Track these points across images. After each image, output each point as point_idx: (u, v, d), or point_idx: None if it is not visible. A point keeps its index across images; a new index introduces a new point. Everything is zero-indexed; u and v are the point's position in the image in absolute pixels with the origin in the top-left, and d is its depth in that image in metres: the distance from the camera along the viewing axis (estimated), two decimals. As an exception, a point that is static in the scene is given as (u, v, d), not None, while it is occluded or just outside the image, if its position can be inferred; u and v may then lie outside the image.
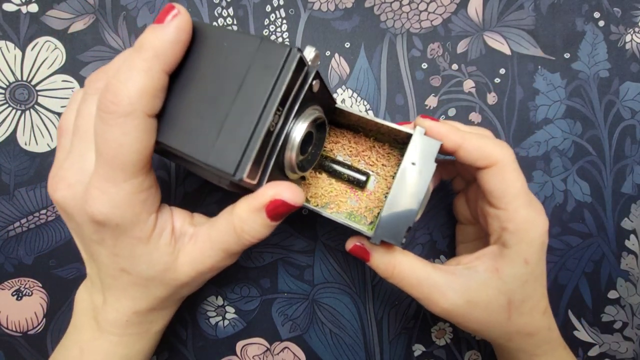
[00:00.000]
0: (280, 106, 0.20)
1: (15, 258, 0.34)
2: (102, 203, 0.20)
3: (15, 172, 0.33)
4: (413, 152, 0.24)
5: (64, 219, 0.23)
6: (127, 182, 0.20)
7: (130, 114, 0.18)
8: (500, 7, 0.35)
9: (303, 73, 0.20)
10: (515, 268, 0.24)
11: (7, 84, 0.33)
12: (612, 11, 0.35)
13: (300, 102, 0.21)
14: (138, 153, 0.19)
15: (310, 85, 0.21)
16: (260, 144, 0.19)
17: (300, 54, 0.19)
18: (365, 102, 0.34)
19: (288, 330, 0.35)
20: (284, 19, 0.34)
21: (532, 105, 0.35)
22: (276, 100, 0.19)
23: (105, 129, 0.19)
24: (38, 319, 0.34)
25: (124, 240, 0.22)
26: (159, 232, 0.22)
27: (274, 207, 0.21)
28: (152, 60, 0.18)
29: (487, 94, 0.35)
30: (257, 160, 0.19)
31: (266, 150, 0.20)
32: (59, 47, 0.34)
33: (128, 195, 0.20)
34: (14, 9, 0.33)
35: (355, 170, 0.28)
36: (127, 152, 0.19)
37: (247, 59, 0.19)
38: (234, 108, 0.19)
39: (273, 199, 0.21)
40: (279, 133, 0.21)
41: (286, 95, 0.20)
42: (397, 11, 0.35)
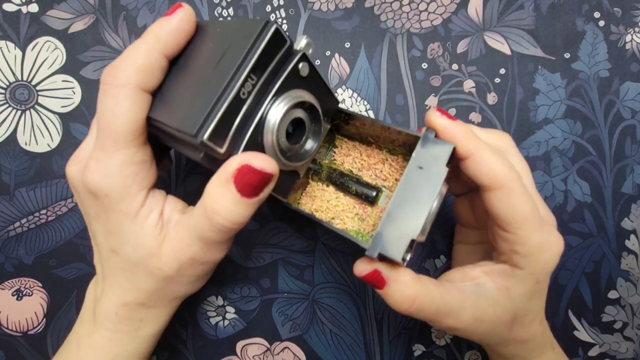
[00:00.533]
0: (252, 74, 0.19)
1: (16, 258, 0.34)
2: (95, 171, 0.21)
3: (16, 172, 0.33)
4: (421, 155, 0.22)
5: (76, 199, 0.24)
6: (118, 152, 0.21)
7: (124, 85, 0.20)
8: (500, 7, 0.35)
9: (284, 49, 0.20)
10: (526, 288, 0.24)
11: (7, 84, 0.33)
12: (613, 11, 0.35)
13: (282, 81, 0.21)
14: (129, 123, 0.20)
15: (296, 67, 0.21)
16: (225, 107, 0.19)
17: (276, 25, 0.20)
18: (365, 102, 0.34)
19: (288, 330, 0.35)
20: (284, 19, 0.34)
21: (532, 105, 0.35)
22: (247, 66, 0.19)
23: (102, 99, 0.21)
24: (38, 319, 0.34)
25: (114, 215, 0.22)
26: (147, 211, 0.22)
27: (241, 176, 0.19)
28: (152, 42, 0.20)
29: (487, 94, 0.35)
30: (222, 124, 0.19)
31: (236, 118, 0.19)
32: (59, 47, 0.34)
33: (119, 165, 0.21)
34: (14, 9, 0.33)
35: (365, 184, 0.27)
36: (119, 122, 0.20)
37: (230, 36, 0.20)
38: (210, 78, 0.20)
39: (240, 166, 0.19)
40: (255, 106, 0.20)
41: (260, 64, 0.19)
42: (397, 11, 0.35)
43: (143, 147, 0.22)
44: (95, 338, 0.25)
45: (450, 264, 0.35)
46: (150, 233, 0.22)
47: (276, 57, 0.20)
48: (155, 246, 0.22)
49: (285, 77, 0.21)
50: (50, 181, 0.34)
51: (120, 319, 0.25)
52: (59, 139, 0.34)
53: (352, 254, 0.35)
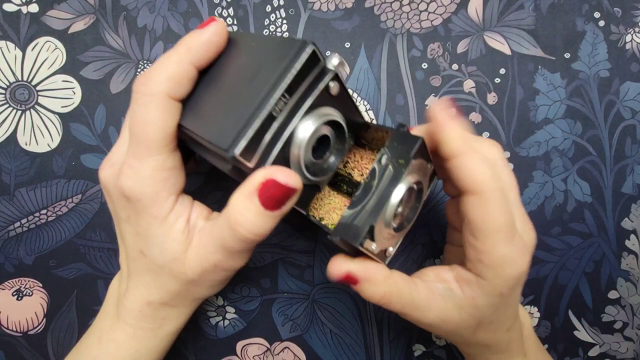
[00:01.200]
0: (286, 93, 0.20)
1: (16, 258, 0.34)
2: (128, 177, 0.22)
3: (16, 172, 0.33)
4: (391, 148, 0.23)
5: (106, 200, 0.25)
6: (150, 158, 0.22)
7: (155, 94, 0.21)
8: (500, 7, 0.35)
9: (317, 69, 0.21)
10: (490, 300, 0.24)
11: (7, 84, 0.33)
12: (613, 11, 0.35)
13: (314, 100, 0.21)
14: (160, 130, 0.21)
15: (327, 86, 0.21)
16: (259, 124, 0.19)
17: (314, 47, 0.20)
18: (365, 102, 0.34)
19: (288, 330, 0.35)
20: (284, 19, 0.34)
21: (532, 105, 0.35)
22: (281, 84, 0.19)
23: (134, 108, 0.22)
24: (38, 319, 0.34)
25: (144, 218, 0.23)
26: (175, 216, 0.23)
27: (265, 190, 0.20)
28: (183, 53, 0.21)
29: (487, 94, 0.35)
30: (254, 141, 0.19)
31: (265, 134, 0.20)
32: (59, 47, 0.34)
33: (151, 171, 0.22)
34: (14, 9, 0.33)
35: (355, 183, 0.27)
36: (150, 130, 0.21)
37: (266, 53, 0.21)
38: (244, 93, 0.20)
39: (265, 180, 0.20)
40: (285, 123, 0.21)
41: (294, 84, 0.20)
42: (397, 11, 0.35)
43: (173, 153, 0.23)
44: (117, 333, 0.26)
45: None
46: (176, 238, 0.23)
47: (309, 76, 0.21)
48: (180, 251, 0.23)
49: (316, 97, 0.21)
50: (50, 181, 0.34)
51: (144, 316, 0.25)
52: (59, 139, 0.34)
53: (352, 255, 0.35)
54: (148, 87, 0.21)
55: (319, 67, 0.21)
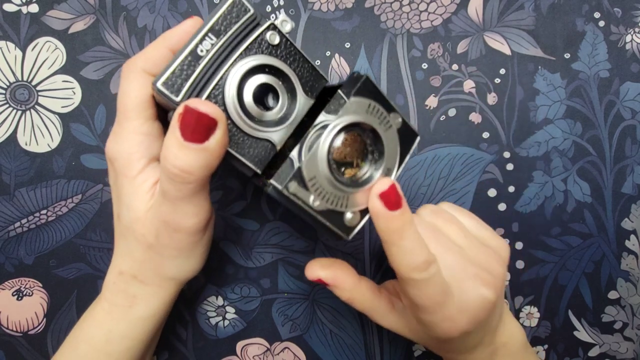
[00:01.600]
0: (211, 34, 0.22)
1: (16, 258, 0.34)
2: (110, 140, 0.25)
3: (16, 172, 0.33)
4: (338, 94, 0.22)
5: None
6: (127, 122, 0.24)
7: (132, 70, 0.24)
8: (500, 7, 0.35)
9: (247, 16, 0.23)
10: (435, 341, 0.27)
11: (7, 84, 0.33)
12: (613, 11, 0.35)
13: (248, 46, 0.22)
14: (134, 98, 0.24)
15: (262, 35, 0.23)
16: (181, 59, 0.22)
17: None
18: (365, 102, 0.34)
19: (288, 330, 0.35)
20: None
21: (532, 105, 0.35)
22: (205, 27, 0.22)
23: (121, 82, 0.25)
24: (38, 319, 0.34)
25: (119, 178, 0.25)
26: (144, 177, 0.24)
27: (183, 119, 0.20)
28: (160, 40, 0.25)
29: (487, 94, 0.35)
30: (178, 75, 0.22)
31: (193, 72, 0.22)
32: (59, 47, 0.34)
33: (127, 133, 0.24)
34: (14, 9, 0.33)
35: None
36: (127, 98, 0.24)
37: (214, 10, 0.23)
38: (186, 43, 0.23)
39: (182, 110, 0.20)
40: (217, 66, 0.22)
41: (220, 27, 0.22)
42: (397, 11, 0.35)
43: (149, 121, 0.25)
44: (97, 310, 0.27)
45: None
46: (141, 197, 0.24)
47: (238, 22, 0.23)
48: (142, 210, 0.24)
49: (250, 41, 0.22)
50: (50, 181, 0.34)
51: (117, 289, 0.26)
52: (59, 139, 0.34)
53: (351, 255, 0.35)
54: (128, 65, 0.24)
55: (249, 15, 0.23)
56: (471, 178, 0.35)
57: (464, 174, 0.35)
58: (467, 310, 0.24)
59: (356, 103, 0.22)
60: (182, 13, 0.34)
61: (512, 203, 0.35)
